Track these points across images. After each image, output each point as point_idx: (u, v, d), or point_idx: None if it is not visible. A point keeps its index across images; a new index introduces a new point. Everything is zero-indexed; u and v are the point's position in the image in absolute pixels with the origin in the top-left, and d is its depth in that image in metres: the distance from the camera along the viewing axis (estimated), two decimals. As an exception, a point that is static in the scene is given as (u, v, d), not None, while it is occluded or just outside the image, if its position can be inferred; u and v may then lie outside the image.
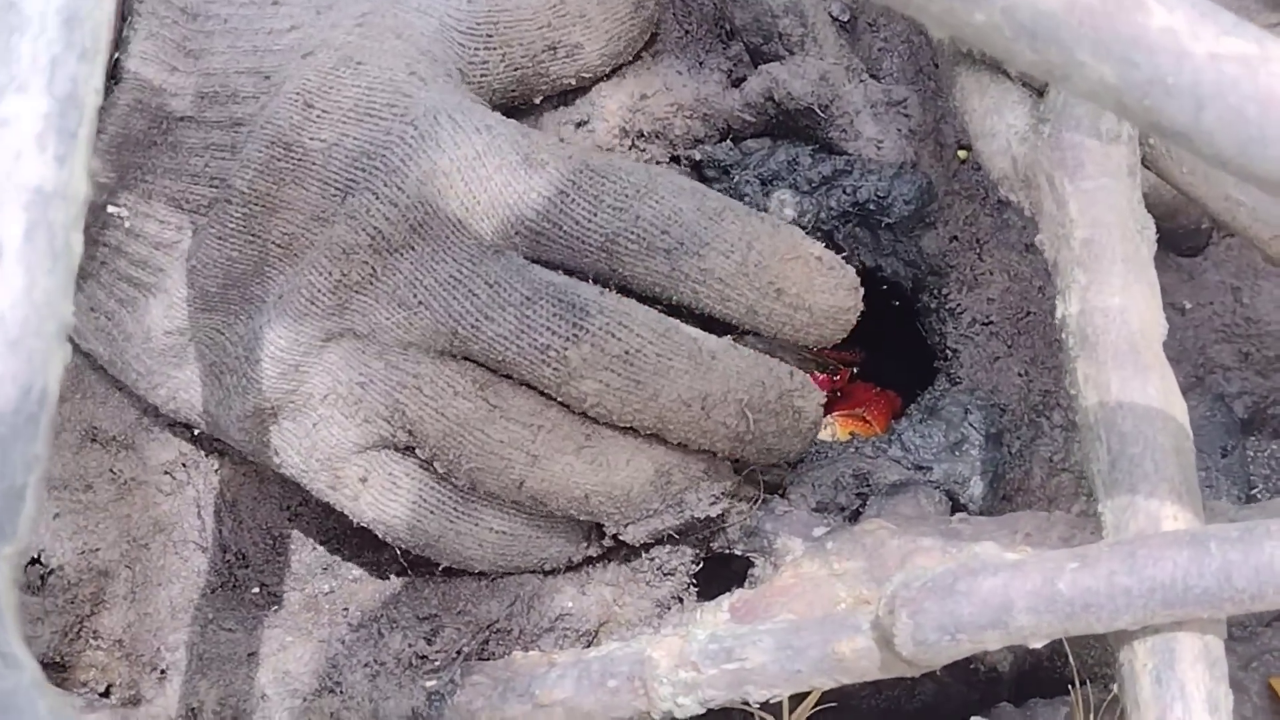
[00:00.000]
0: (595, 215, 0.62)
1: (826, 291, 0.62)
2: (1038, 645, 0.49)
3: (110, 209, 0.65)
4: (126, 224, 0.66)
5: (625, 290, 0.63)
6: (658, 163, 0.74)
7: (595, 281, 0.62)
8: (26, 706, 0.33)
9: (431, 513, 0.63)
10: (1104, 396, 0.55)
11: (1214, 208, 0.65)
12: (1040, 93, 0.64)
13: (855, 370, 0.79)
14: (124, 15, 0.64)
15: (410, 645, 0.63)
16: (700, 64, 0.77)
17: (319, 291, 0.62)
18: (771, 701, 0.57)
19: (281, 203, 0.64)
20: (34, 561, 0.67)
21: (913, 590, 0.50)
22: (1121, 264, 0.58)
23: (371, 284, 0.62)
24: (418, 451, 0.63)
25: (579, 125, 0.72)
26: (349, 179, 0.63)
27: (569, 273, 0.62)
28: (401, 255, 0.62)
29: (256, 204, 0.63)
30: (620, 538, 0.62)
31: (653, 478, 0.61)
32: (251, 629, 0.65)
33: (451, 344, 0.62)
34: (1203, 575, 0.47)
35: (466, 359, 0.62)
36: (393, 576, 0.67)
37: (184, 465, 0.69)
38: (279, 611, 0.66)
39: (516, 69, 0.69)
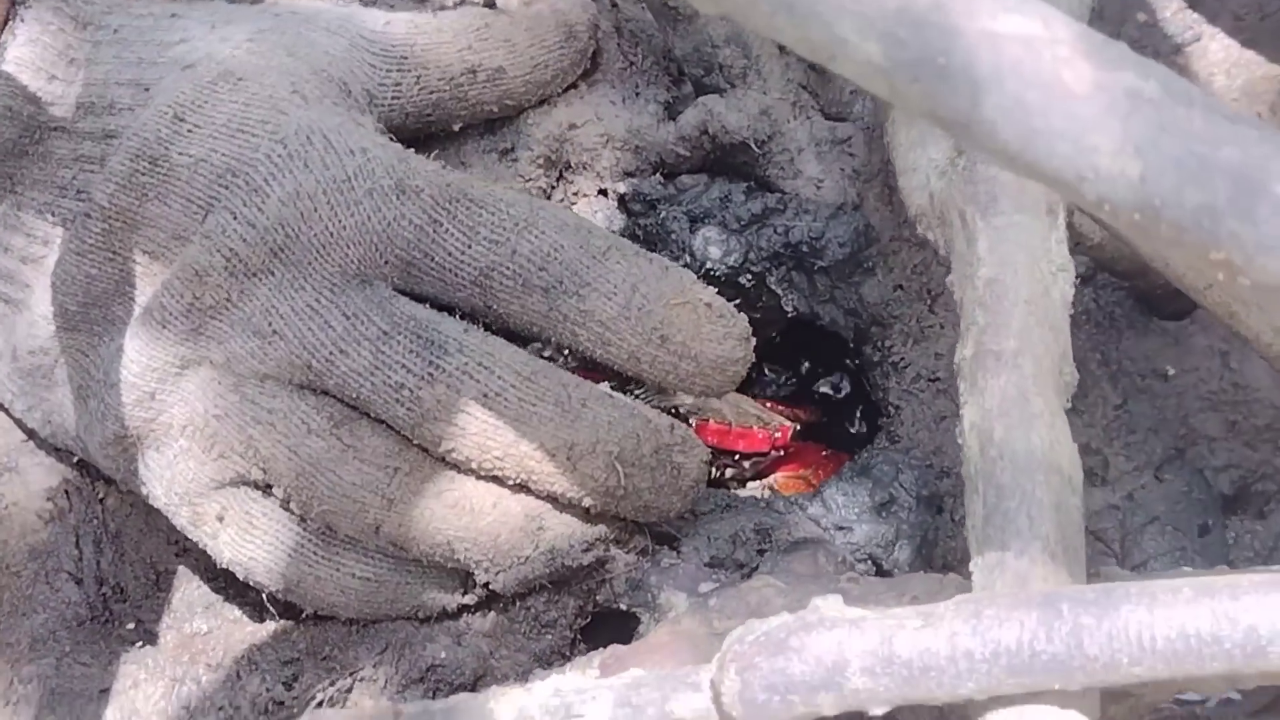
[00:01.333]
0: (469, 247, 0.61)
1: (714, 340, 0.60)
2: (877, 713, 0.46)
3: None
4: None
5: (501, 329, 0.61)
6: (584, 196, 0.73)
7: (468, 318, 0.60)
8: None
9: (290, 555, 0.61)
10: (985, 446, 0.52)
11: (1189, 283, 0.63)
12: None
13: (798, 427, 0.76)
14: (7, 20, 0.64)
15: (268, 690, 0.62)
16: (637, 94, 0.77)
17: (171, 315, 0.60)
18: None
19: (143, 219, 0.63)
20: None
21: (745, 645, 0.47)
22: (1024, 305, 0.56)
23: (226, 309, 0.60)
24: (274, 491, 0.60)
25: (503, 154, 0.72)
26: (212, 196, 0.62)
27: (441, 307, 0.61)
28: (259, 280, 0.60)
29: (117, 219, 0.62)
30: (491, 586, 0.59)
31: (522, 524, 0.59)
32: (107, 664, 0.64)
33: (307, 377, 0.60)
34: (1051, 640, 0.43)
35: (324, 394, 0.60)
36: (269, 619, 0.65)
37: (66, 493, 0.68)
38: (144, 649, 0.65)
39: (433, 92, 0.68)
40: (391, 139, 0.65)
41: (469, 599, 0.62)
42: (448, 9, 0.72)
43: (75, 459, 0.67)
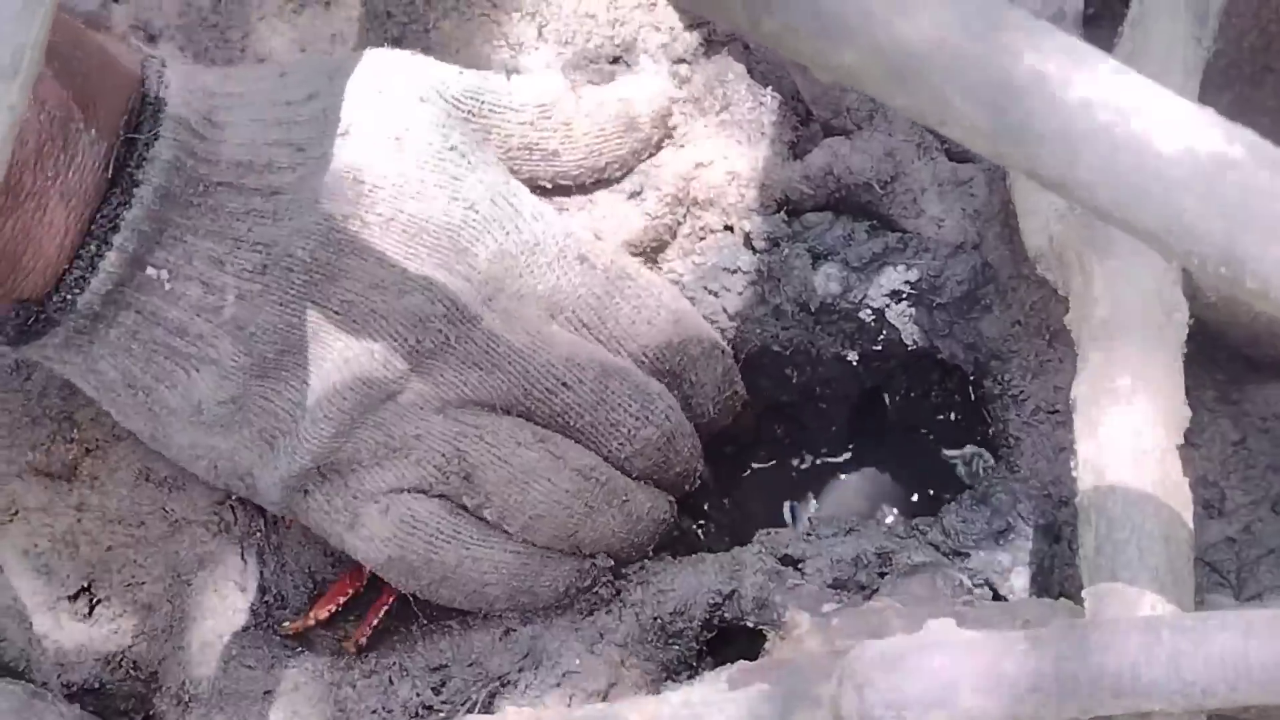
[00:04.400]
0: (633, 324, 0.70)
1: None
2: (989, 732, 0.48)
3: (149, 270, 0.65)
4: (166, 286, 0.66)
5: None
6: (711, 232, 0.75)
7: None
8: None
9: (449, 542, 0.65)
10: (1099, 480, 0.53)
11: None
12: None
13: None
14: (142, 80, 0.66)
15: (418, 694, 0.65)
16: (763, 134, 0.78)
17: (392, 356, 0.65)
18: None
19: (341, 271, 0.66)
20: (83, 591, 0.70)
21: (864, 663, 0.49)
22: (1139, 344, 0.57)
23: (444, 351, 0.65)
24: (465, 499, 0.66)
25: (631, 196, 0.74)
26: (408, 250, 0.66)
27: None
28: (475, 324, 0.66)
29: (318, 272, 0.65)
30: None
31: (661, 520, 0.69)
32: (270, 668, 0.67)
33: (518, 405, 0.67)
34: (1151, 664, 0.44)
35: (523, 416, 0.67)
36: (414, 628, 0.68)
37: (231, 508, 0.71)
38: (303, 654, 0.69)
39: (499, 150, 0.71)
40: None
41: (602, 588, 0.67)
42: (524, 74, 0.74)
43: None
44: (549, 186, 0.74)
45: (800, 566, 0.66)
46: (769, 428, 0.85)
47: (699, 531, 0.82)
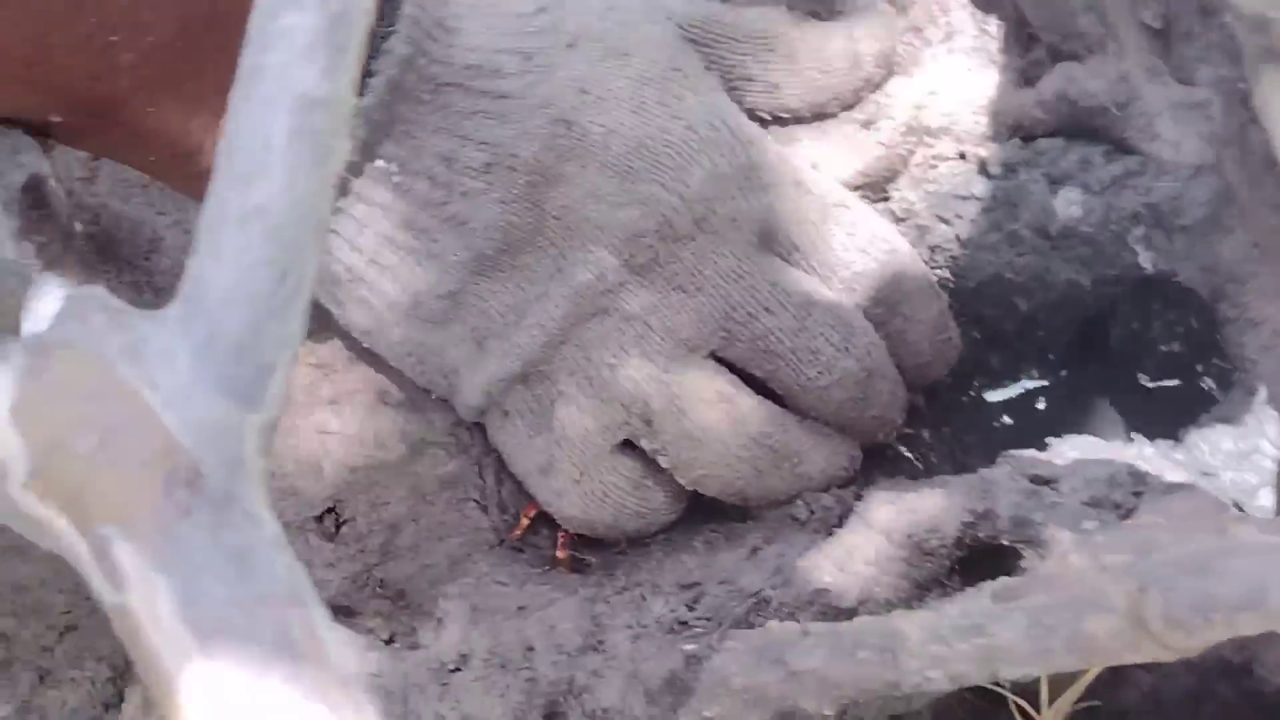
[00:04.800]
0: (847, 251, 0.71)
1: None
2: (1295, 633, 0.48)
3: (379, 162, 0.67)
4: (394, 179, 0.68)
5: None
6: (943, 159, 0.76)
7: None
8: (264, 561, 0.37)
9: (633, 518, 0.71)
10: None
11: None
12: None
13: None
14: None
15: (672, 611, 0.66)
16: (993, 62, 0.79)
17: (606, 269, 0.67)
18: (1026, 686, 0.58)
19: (561, 177, 0.68)
20: (329, 512, 0.73)
21: (1167, 568, 0.50)
22: None
23: (653, 268, 0.67)
24: (643, 441, 0.69)
25: (864, 125, 0.75)
26: (627, 165, 0.68)
27: None
28: (684, 244, 0.67)
29: (539, 175, 0.67)
30: None
31: (836, 478, 0.72)
32: (522, 584, 0.69)
33: (717, 337, 0.68)
34: None
35: (719, 362, 0.69)
36: (654, 547, 0.71)
37: (468, 428, 0.73)
38: (547, 571, 0.71)
39: (722, 78, 0.73)
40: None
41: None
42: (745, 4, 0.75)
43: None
44: (768, 118, 0.74)
45: (1055, 486, 0.66)
46: (985, 356, 0.84)
47: (917, 460, 0.83)
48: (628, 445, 0.71)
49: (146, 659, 0.36)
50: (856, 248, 0.71)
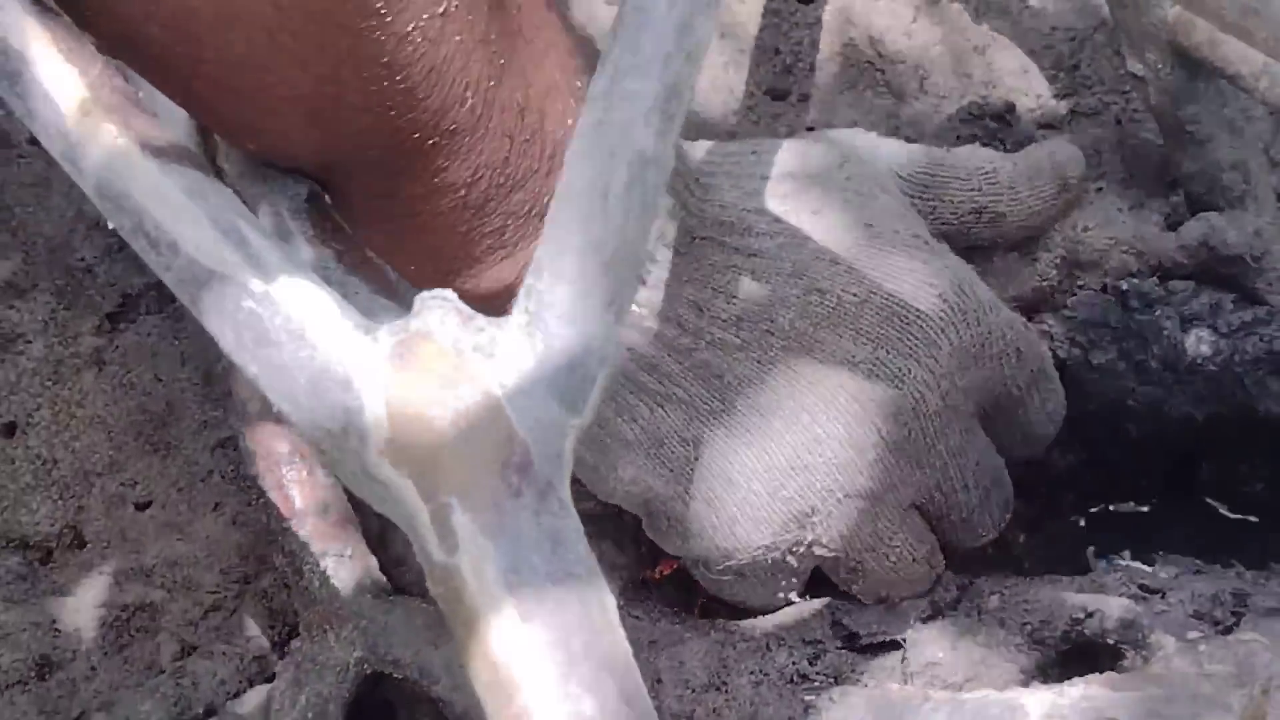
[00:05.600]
0: (1038, 427, 0.76)
1: None
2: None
3: (633, 307, 0.67)
4: (644, 324, 0.69)
5: None
6: (1086, 290, 0.79)
7: None
8: (572, 545, 0.42)
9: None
10: None
11: None
12: None
13: None
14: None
15: (794, 663, 0.68)
16: (1141, 205, 0.82)
17: (863, 447, 0.68)
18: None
19: (816, 343, 0.68)
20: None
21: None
22: None
23: (901, 446, 0.68)
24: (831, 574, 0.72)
25: (1023, 255, 0.79)
26: (880, 332, 0.68)
27: None
28: (930, 421, 0.69)
29: (795, 341, 0.68)
30: None
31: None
32: (655, 620, 0.72)
33: (923, 501, 0.71)
34: None
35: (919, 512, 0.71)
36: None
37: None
38: (679, 612, 0.74)
39: (943, 224, 0.75)
40: None
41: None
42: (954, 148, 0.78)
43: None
44: (984, 245, 0.78)
45: (1163, 596, 0.69)
46: (1082, 478, 0.87)
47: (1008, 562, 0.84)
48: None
49: (466, 615, 0.41)
50: (1049, 419, 0.76)
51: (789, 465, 0.68)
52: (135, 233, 0.46)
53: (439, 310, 0.43)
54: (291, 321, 0.43)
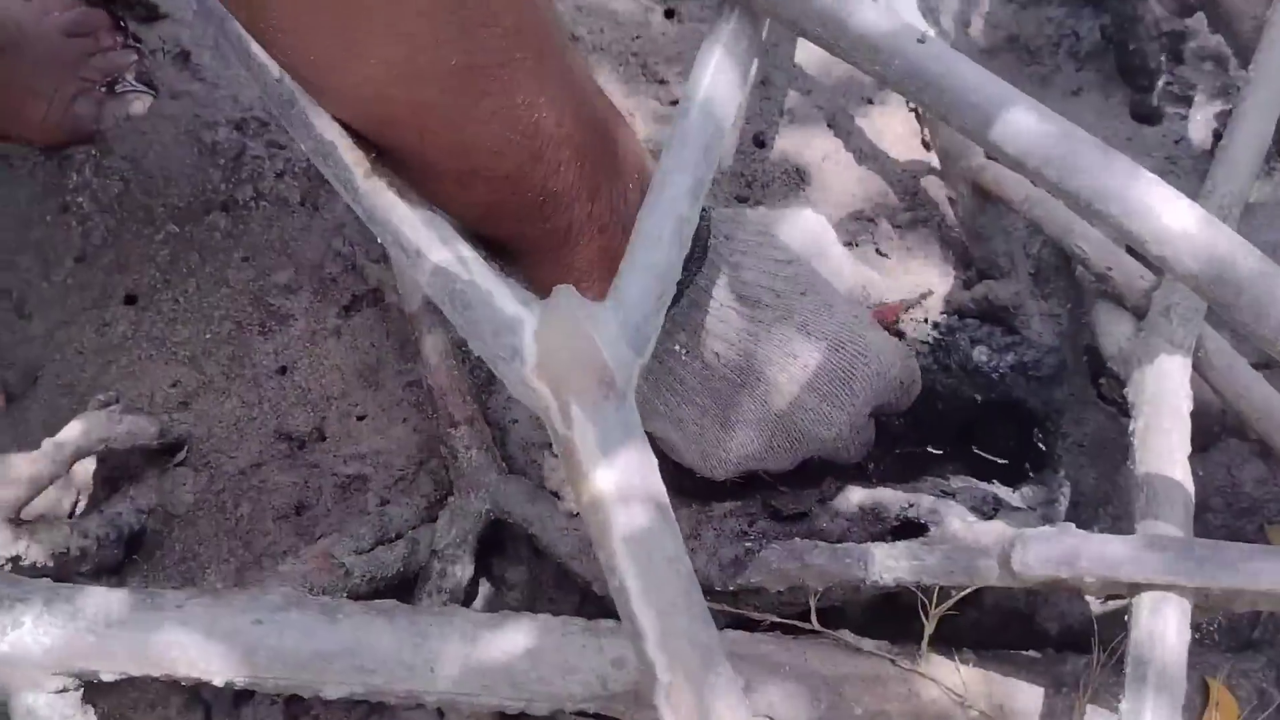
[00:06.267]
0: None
1: None
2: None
3: (675, 347, 0.63)
4: (683, 357, 0.64)
5: None
6: (918, 322, 0.78)
7: None
8: (635, 430, 0.43)
9: None
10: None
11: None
12: (1140, 316, 0.69)
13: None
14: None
15: (739, 526, 0.68)
16: (950, 273, 0.84)
17: (797, 444, 0.66)
18: (926, 590, 0.61)
19: (782, 391, 0.63)
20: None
21: (1024, 537, 0.56)
22: (1166, 410, 0.61)
23: (823, 445, 0.66)
24: None
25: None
26: (827, 389, 0.64)
27: None
28: (843, 437, 0.67)
29: (770, 386, 0.63)
30: None
31: None
32: None
33: (833, 450, 0.68)
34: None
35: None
36: (728, 497, 0.71)
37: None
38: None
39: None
40: None
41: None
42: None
43: None
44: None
45: (953, 496, 0.69)
46: (911, 432, 0.82)
47: (873, 477, 0.80)
48: None
49: (575, 464, 0.44)
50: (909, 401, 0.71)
51: (748, 450, 0.66)
52: (394, 244, 0.49)
53: (565, 293, 0.46)
54: (484, 295, 0.46)
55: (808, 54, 0.96)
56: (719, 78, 0.49)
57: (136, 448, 0.76)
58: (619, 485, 0.41)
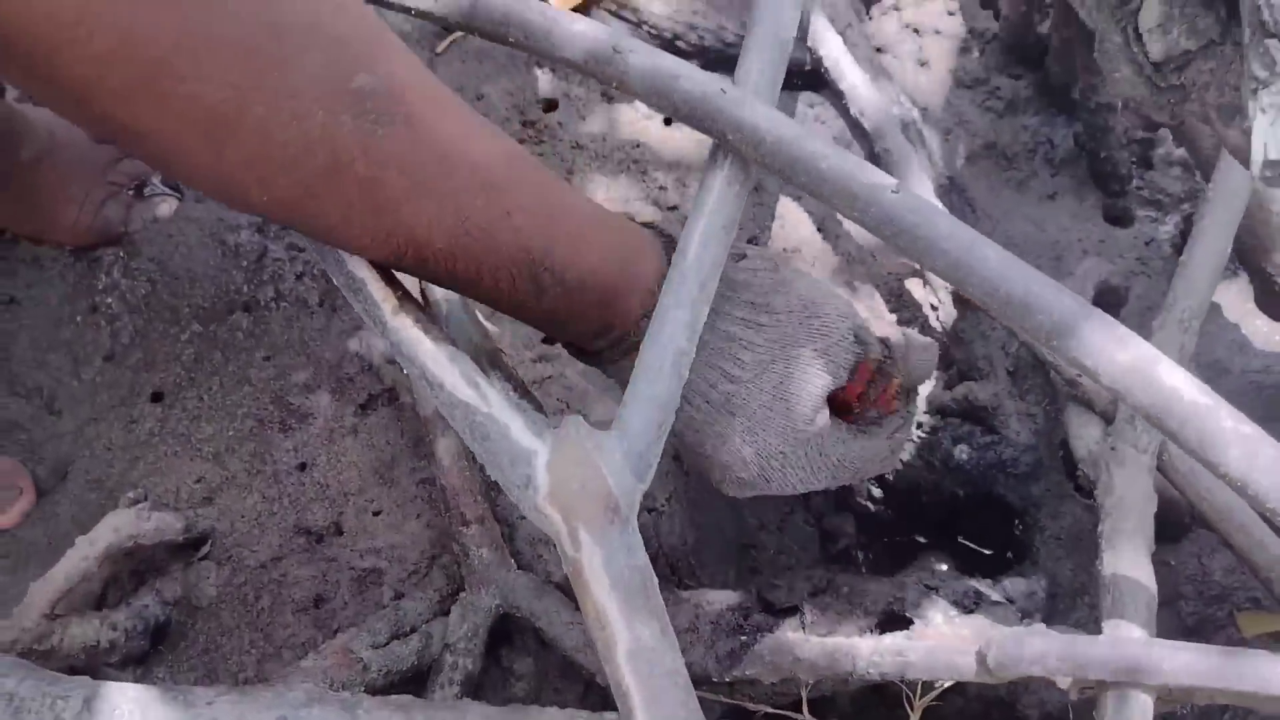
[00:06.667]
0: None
1: None
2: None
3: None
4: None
5: None
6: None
7: None
8: (638, 551, 0.48)
9: None
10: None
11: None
12: (1109, 420, 0.73)
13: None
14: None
15: (735, 618, 0.69)
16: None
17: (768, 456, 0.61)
18: (910, 684, 0.65)
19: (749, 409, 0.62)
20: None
21: (998, 633, 0.60)
22: (1132, 518, 0.65)
23: None
24: None
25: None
26: (780, 425, 0.61)
27: None
28: None
29: (745, 415, 0.61)
30: None
31: None
32: (666, 597, 0.75)
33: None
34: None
35: None
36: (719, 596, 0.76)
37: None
38: (673, 592, 0.76)
39: None
40: None
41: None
42: None
43: None
44: None
45: (936, 590, 0.71)
46: (896, 524, 0.88)
47: (863, 565, 0.86)
48: None
49: (582, 583, 0.48)
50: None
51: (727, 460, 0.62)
52: (419, 376, 0.53)
53: (574, 423, 0.50)
54: (502, 428, 0.50)
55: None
56: (714, 219, 0.54)
57: (163, 542, 0.79)
58: (621, 605, 0.45)
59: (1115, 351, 0.49)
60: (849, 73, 0.86)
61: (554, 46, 0.55)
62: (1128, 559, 0.63)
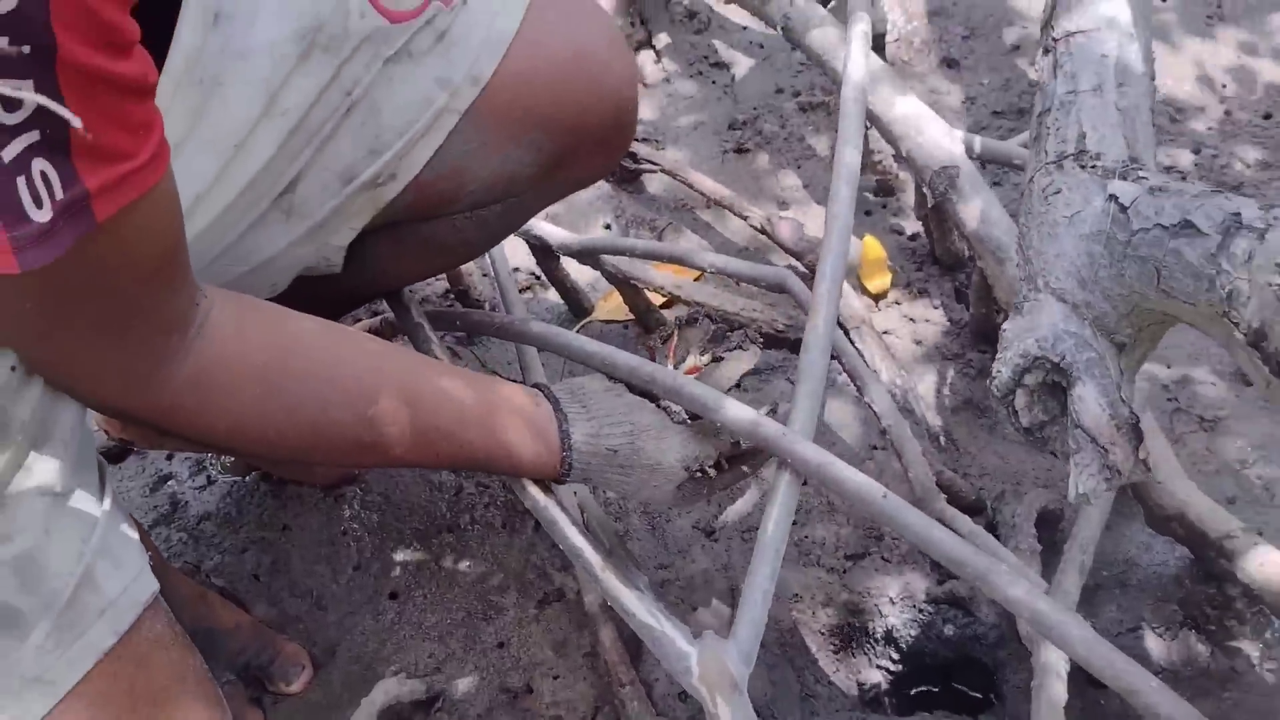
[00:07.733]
0: None
1: None
2: None
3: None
4: (587, 449, 0.85)
5: None
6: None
7: None
8: (746, 707, 0.86)
9: None
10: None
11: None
12: None
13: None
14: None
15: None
16: (929, 575, 1.09)
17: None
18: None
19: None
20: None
21: None
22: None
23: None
24: None
25: None
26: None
27: None
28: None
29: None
30: None
31: None
32: None
33: None
34: None
35: None
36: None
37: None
38: None
39: None
40: None
41: None
42: None
43: None
44: None
45: None
46: (908, 676, 1.04)
47: (888, 705, 1.02)
48: None
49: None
50: None
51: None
52: (622, 611, 0.91)
53: (711, 638, 0.86)
54: (670, 639, 0.83)
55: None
56: (779, 526, 0.92)
57: (411, 701, 1.17)
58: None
59: (1038, 603, 0.85)
60: (863, 373, 1.23)
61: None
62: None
